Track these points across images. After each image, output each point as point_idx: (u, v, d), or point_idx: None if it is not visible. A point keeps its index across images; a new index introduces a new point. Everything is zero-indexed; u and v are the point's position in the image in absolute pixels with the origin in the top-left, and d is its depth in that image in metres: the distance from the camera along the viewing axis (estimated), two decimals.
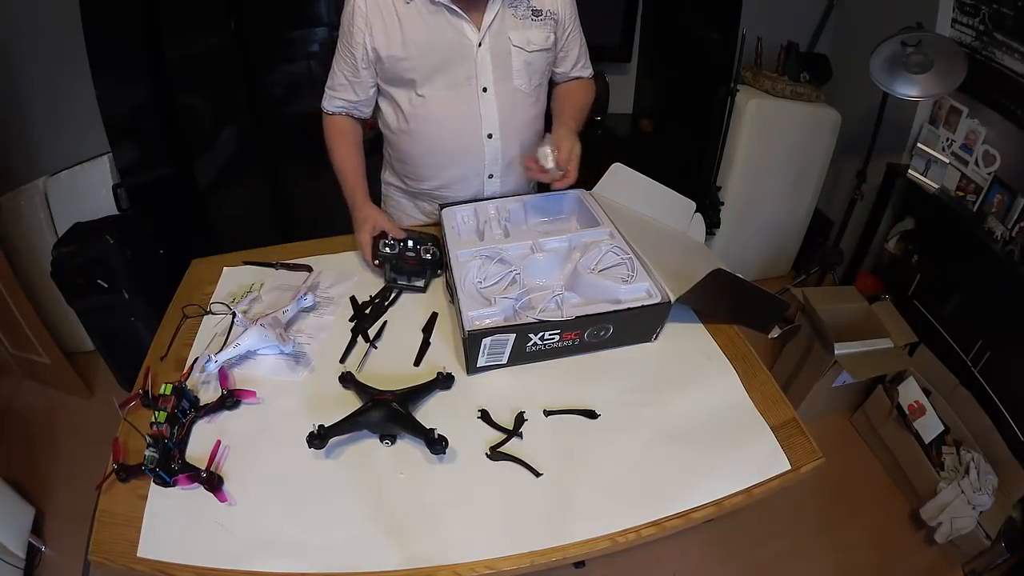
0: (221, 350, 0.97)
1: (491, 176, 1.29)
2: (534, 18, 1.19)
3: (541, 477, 0.83)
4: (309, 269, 1.21)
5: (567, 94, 1.35)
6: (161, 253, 2.04)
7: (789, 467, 0.85)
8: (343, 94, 1.24)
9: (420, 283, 1.15)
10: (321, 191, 2.05)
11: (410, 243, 1.18)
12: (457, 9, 1.12)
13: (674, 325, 1.05)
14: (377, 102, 1.27)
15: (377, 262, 1.16)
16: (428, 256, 1.17)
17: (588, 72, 1.37)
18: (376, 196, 1.46)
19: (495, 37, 1.17)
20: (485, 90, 1.20)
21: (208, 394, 0.94)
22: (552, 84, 1.35)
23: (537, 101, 1.29)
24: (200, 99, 2.03)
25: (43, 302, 2.07)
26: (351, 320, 1.09)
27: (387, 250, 1.16)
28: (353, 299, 1.13)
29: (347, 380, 0.94)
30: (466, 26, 1.14)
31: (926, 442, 1.79)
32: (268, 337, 0.98)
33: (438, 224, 1.29)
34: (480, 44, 1.16)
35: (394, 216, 1.44)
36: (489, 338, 0.91)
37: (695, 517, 0.79)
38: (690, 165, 2.49)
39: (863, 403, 2.04)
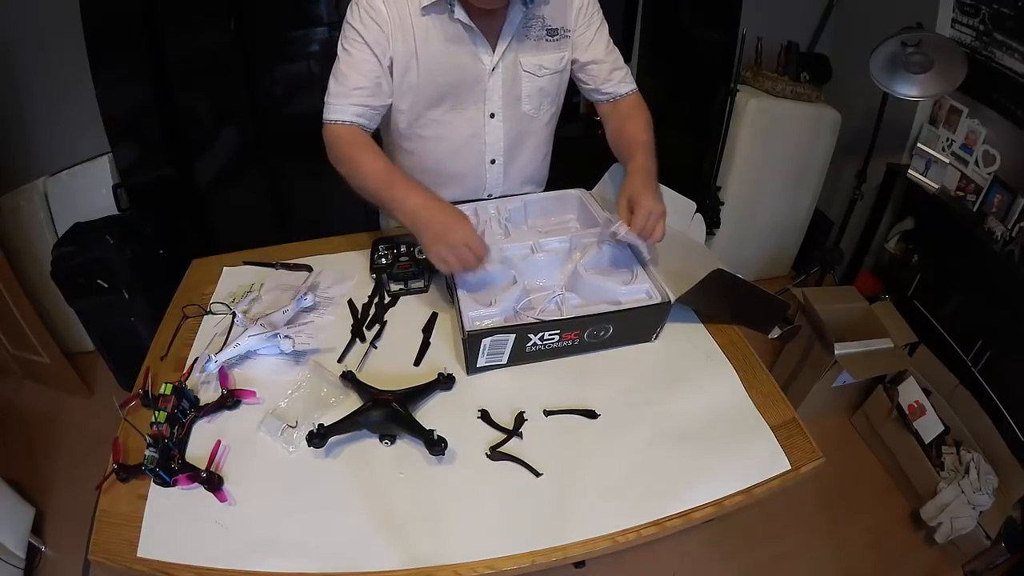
0: (221, 350, 0.97)
1: (490, 196, 1.26)
2: (549, 38, 1.11)
3: (541, 477, 0.83)
4: (309, 269, 1.21)
5: (620, 125, 1.19)
6: (161, 253, 2.04)
7: (789, 467, 0.85)
8: (361, 99, 1.05)
9: (420, 284, 1.15)
10: (321, 191, 2.05)
11: (402, 248, 1.17)
12: (475, 27, 1.04)
13: (674, 325, 1.05)
14: None
15: (374, 276, 1.16)
16: (423, 256, 1.17)
17: (629, 87, 1.23)
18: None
19: (508, 62, 1.10)
20: (492, 116, 1.15)
21: (208, 394, 0.94)
22: (593, 106, 1.27)
23: (548, 122, 1.25)
24: (200, 99, 2.03)
25: (43, 302, 2.07)
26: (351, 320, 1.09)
27: (382, 261, 1.15)
28: (351, 303, 1.12)
29: (347, 380, 0.94)
30: (482, 49, 1.07)
31: (926, 442, 1.79)
32: (268, 337, 0.98)
33: None
34: (494, 69, 1.09)
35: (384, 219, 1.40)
36: (489, 338, 0.91)
37: (695, 517, 0.79)
38: (690, 165, 2.49)
39: (863, 403, 2.04)
